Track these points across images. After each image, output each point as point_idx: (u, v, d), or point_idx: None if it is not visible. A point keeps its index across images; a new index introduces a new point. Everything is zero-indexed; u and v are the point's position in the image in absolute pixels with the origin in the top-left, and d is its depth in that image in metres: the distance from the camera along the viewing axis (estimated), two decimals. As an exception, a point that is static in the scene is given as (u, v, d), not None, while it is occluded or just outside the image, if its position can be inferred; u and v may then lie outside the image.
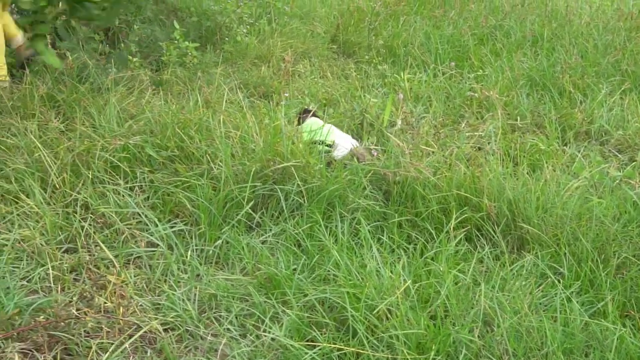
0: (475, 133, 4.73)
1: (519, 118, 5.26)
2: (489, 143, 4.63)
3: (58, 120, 4.33)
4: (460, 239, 3.65)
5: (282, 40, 6.57)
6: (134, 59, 5.64)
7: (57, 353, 2.78)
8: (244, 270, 3.46)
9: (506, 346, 2.91)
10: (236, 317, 3.11)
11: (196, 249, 3.54)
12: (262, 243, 3.64)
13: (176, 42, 5.89)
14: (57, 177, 3.82)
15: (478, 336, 2.94)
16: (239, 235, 3.62)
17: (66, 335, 2.82)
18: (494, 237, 3.75)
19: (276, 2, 7.51)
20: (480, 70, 6.17)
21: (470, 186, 3.92)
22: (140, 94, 5.05)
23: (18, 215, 3.61)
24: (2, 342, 2.74)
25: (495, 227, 3.76)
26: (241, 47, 6.35)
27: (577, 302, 3.21)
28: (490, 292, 3.22)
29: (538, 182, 4.00)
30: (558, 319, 3.04)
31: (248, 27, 6.83)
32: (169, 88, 5.38)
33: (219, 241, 3.58)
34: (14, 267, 3.27)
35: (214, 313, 3.13)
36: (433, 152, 4.34)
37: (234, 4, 7.06)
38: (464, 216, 3.76)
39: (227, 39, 6.42)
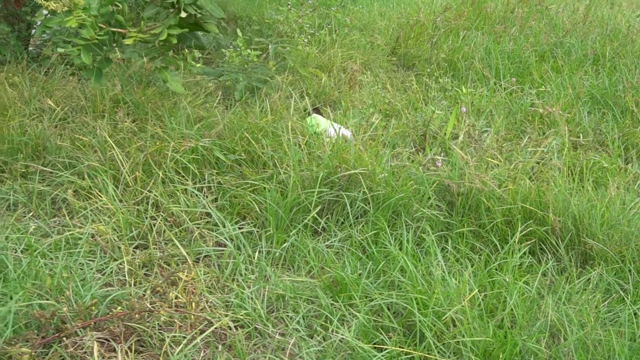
0: (538, 148, 4.73)
1: (581, 135, 5.25)
2: (551, 159, 4.63)
3: (130, 121, 4.44)
4: (524, 252, 3.66)
5: (342, 51, 6.63)
6: (197, 65, 5.74)
7: (132, 343, 2.86)
8: (310, 273, 3.52)
9: (573, 358, 2.93)
10: (303, 318, 3.16)
11: (263, 251, 3.61)
12: (328, 247, 3.69)
13: (239, 49, 5.98)
14: (129, 176, 3.92)
15: (545, 347, 2.95)
16: (305, 238, 3.68)
17: (140, 327, 2.91)
18: (557, 251, 3.76)
19: (336, 13, 7.59)
20: (542, 87, 6.16)
21: (535, 200, 3.93)
22: (206, 97, 5.16)
23: (91, 210, 3.72)
24: (80, 331, 2.83)
25: (560, 241, 3.77)
26: (302, 56, 6.42)
27: (644, 318, 3.21)
28: (556, 304, 3.24)
29: (603, 198, 4.00)
30: (625, 333, 3.05)
31: (309, 37, 6.91)
32: (232, 93, 5.46)
33: (286, 244, 3.64)
34: (89, 260, 3.37)
35: (282, 313, 3.20)
36: (497, 165, 4.37)
37: (296, 14, 7.16)
38: (528, 229, 3.78)
39: (288, 47, 6.50)
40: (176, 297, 3.10)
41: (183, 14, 4.09)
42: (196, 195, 3.91)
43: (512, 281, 3.30)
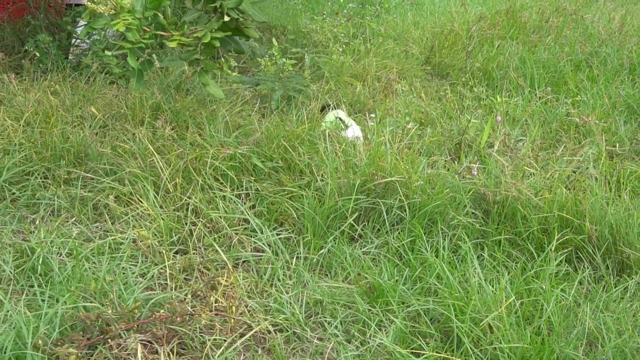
0: (574, 158, 4.73)
1: (617, 145, 5.24)
2: (587, 168, 4.63)
3: (170, 128, 4.52)
4: (561, 260, 3.67)
5: (377, 60, 6.67)
6: (233, 74, 5.82)
7: (174, 346, 2.92)
8: (347, 279, 3.56)
9: (611, 366, 2.94)
10: (341, 323, 3.20)
11: (300, 257, 3.66)
12: (364, 254, 3.73)
13: (274, 58, 6.05)
14: (169, 182, 4.00)
15: (582, 354, 2.97)
16: (342, 245, 3.72)
17: (182, 329, 2.96)
18: (594, 260, 3.76)
19: (370, 23, 7.64)
20: (578, 96, 6.15)
21: (571, 208, 3.94)
22: (242, 106, 5.23)
23: (132, 216, 3.80)
24: (124, 333, 2.90)
25: (596, 250, 3.77)
26: (336, 65, 6.47)
27: (683, 327, 3.21)
28: (592, 312, 3.25)
29: (640, 208, 4.01)
30: (664, 342, 3.05)
31: (343, 46, 6.97)
32: (268, 102, 5.53)
33: (323, 250, 3.68)
34: (131, 264, 3.45)
35: (320, 318, 3.24)
36: (533, 173, 4.38)
37: (331, 23, 7.23)
38: (564, 238, 3.78)
39: (324, 57, 6.55)
40: (216, 301, 3.16)
41: (226, 18, 4.17)
42: (234, 201, 3.97)
43: (549, 289, 3.32)
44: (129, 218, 3.80)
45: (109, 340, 2.84)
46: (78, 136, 4.42)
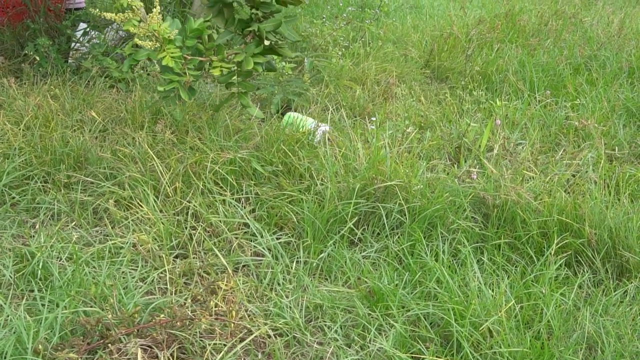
0: (573, 161, 4.74)
1: (616, 148, 5.25)
2: (586, 172, 4.64)
3: (169, 132, 4.52)
4: (561, 264, 3.68)
5: (376, 64, 6.68)
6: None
7: (174, 351, 2.92)
8: (347, 283, 3.56)
9: (611, 370, 2.95)
10: (341, 327, 3.20)
11: (300, 261, 3.66)
12: (364, 258, 3.74)
13: (273, 62, 6.05)
14: (169, 186, 4.00)
15: (582, 359, 2.97)
16: (341, 249, 3.73)
17: (182, 334, 2.96)
18: (593, 263, 3.77)
19: (370, 26, 7.65)
20: (577, 100, 6.17)
21: (571, 212, 3.94)
22: (242, 109, 5.23)
23: (132, 220, 3.80)
24: (124, 337, 2.90)
25: (596, 253, 3.78)
26: (336, 68, 6.48)
27: (682, 331, 3.21)
28: (592, 316, 3.26)
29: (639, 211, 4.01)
30: (663, 346, 3.06)
31: (343, 49, 6.98)
32: (267, 106, 5.54)
33: (323, 254, 3.69)
34: (131, 268, 3.45)
35: (320, 322, 3.24)
36: (532, 177, 4.39)
37: (330, 27, 7.24)
38: (564, 242, 3.79)
39: (324, 61, 6.56)
40: (216, 306, 3.16)
41: (266, 42, 4.19)
42: (234, 205, 3.98)
43: (549, 293, 3.33)
44: (129, 222, 3.80)
45: (109, 344, 2.84)
46: (78, 140, 4.42)
